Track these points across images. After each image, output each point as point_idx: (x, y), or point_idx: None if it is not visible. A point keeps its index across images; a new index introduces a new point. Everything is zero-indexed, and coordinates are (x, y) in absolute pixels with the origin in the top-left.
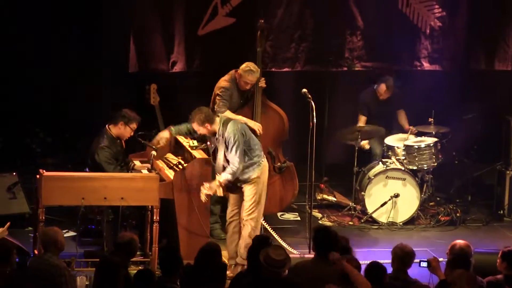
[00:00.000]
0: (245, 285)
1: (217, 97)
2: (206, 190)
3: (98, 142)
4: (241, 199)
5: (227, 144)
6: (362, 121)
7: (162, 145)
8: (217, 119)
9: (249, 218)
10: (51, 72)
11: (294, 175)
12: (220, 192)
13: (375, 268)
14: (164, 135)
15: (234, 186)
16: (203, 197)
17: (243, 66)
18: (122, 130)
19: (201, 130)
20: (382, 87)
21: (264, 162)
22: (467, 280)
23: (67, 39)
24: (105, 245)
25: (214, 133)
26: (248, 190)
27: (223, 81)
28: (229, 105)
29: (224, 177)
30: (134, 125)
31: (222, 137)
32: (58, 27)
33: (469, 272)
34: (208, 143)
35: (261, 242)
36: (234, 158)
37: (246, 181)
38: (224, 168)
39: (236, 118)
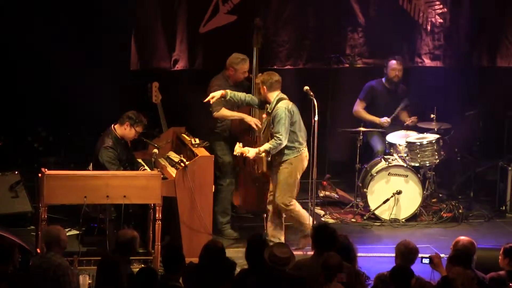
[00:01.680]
0: (249, 284)
1: None
2: (241, 148)
3: (103, 141)
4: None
5: (273, 120)
6: (360, 105)
7: (164, 143)
8: (275, 93)
9: (281, 202)
10: (52, 71)
11: None
12: (251, 155)
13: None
14: (216, 93)
15: (271, 165)
16: (237, 152)
17: (233, 60)
18: (127, 131)
19: (262, 89)
20: (392, 63)
21: (304, 153)
22: (463, 281)
23: (68, 37)
24: (108, 244)
25: (265, 100)
26: (280, 174)
27: (216, 80)
28: (224, 102)
29: (265, 146)
30: (139, 128)
31: (271, 112)
32: (58, 25)
33: (467, 271)
34: (264, 115)
35: (256, 240)
36: (279, 133)
37: (280, 163)
38: None
39: (232, 115)
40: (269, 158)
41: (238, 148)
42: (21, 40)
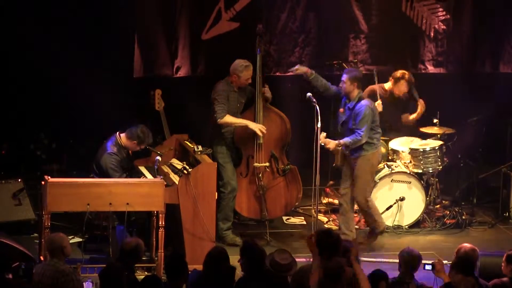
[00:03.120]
0: None
1: (214, 102)
2: (323, 139)
3: (106, 148)
4: (351, 176)
5: (355, 116)
6: None
7: (167, 151)
8: (358, 91)
9: (360, 197)
10: (54, 78)
11: (297, 178)
12: (331, 147)
13: (376, 276)
14: (302, 68)
15: (348, 158)
16: (322, 141)
17: (236, 67)
18: (133, 146)
19: (346, 84)
20: (402, 84)
21: (380, 149)
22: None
23: (70, 44)
24: (111, 251)
25: (347, 95)
26: (359, 169)
27: (218, 85)
28: (227, 108)
29: (345, 140)
30: (143, 146)
31: (352, 109)
32: (61, 32)
33: (467, 278)
34: (341, 110)
35: (248, 248)
36: (361, 130)
37: (357, 157)
38: None
39: (236, 122)
40: (347, 152)
41: (323, 138)
42: (23, 47)
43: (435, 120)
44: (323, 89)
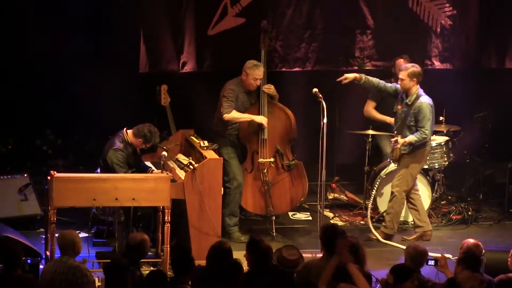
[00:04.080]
0: (259, 286)
1: (223, 98)
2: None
3: (113, 143)
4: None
5: (416, 112)
6: (370, 105)
7: (173, 146)
8: (417, 87)
9: (396, 188)
10: (61, 74)
11: (303, 174)
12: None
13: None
14: (349, 75)
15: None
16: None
17: (247, 65)
18: (138, 144)
19: (406, 80)
20: (400, 62)
21: (429, 148)
22: (472, 284)
23: (77, 40)
24: (117, 246)
25: (406, 91)
26: (405, 161)
27: (229, 84)
28: (235, 106)
29: (410, 138)
30: (149, 145)
31: (411, 105)
32: (66, 28)
33: (475, 274)
34: (398, 107)
35: (254, 244)
36: (425, 128)
37: (413, 153)
38: (402, 136)
39: (242, 116)
40: (407, 150)
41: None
42: (28, 44)
43: (441, 118)
44: (378, 90)
